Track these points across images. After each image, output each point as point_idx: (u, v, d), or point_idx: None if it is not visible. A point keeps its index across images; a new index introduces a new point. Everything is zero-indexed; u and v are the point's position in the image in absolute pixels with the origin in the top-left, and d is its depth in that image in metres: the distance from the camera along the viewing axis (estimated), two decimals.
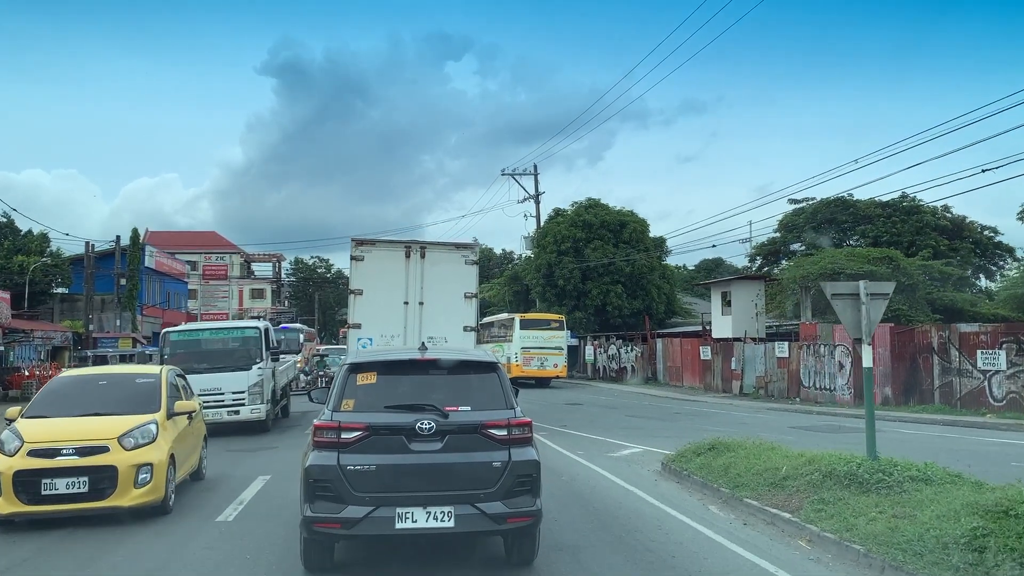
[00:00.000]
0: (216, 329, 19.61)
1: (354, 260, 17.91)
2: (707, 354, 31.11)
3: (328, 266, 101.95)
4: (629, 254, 43.48)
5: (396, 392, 6.36)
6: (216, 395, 16.52)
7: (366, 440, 6.00)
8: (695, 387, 32.04)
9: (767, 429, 17.24)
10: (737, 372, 29.02)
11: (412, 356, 6.75)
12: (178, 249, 70.34)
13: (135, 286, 49.53)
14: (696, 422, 19.22)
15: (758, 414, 21.86)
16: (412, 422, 6.02)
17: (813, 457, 8.35)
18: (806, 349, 25.42)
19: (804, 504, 7.28)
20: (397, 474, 5.95)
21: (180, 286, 65.44)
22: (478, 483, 5.99)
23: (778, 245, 47.64)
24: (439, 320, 17.28)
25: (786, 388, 26.36)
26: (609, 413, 22.08)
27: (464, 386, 6.50)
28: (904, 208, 43.43)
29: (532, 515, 6.11)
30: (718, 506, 8.50)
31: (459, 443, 6.06)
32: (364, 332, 17.61)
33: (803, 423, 18.97)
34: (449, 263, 17.86)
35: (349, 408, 6.19)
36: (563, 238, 44.27)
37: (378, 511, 5.86)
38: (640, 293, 44.54)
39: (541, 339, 35.19)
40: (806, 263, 26.14)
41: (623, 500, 9.10)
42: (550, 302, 44.16)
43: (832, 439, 15.02)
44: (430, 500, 5.89)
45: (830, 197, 43.21)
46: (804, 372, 25.54)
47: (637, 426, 18.19)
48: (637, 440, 14.90)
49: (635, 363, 37.90)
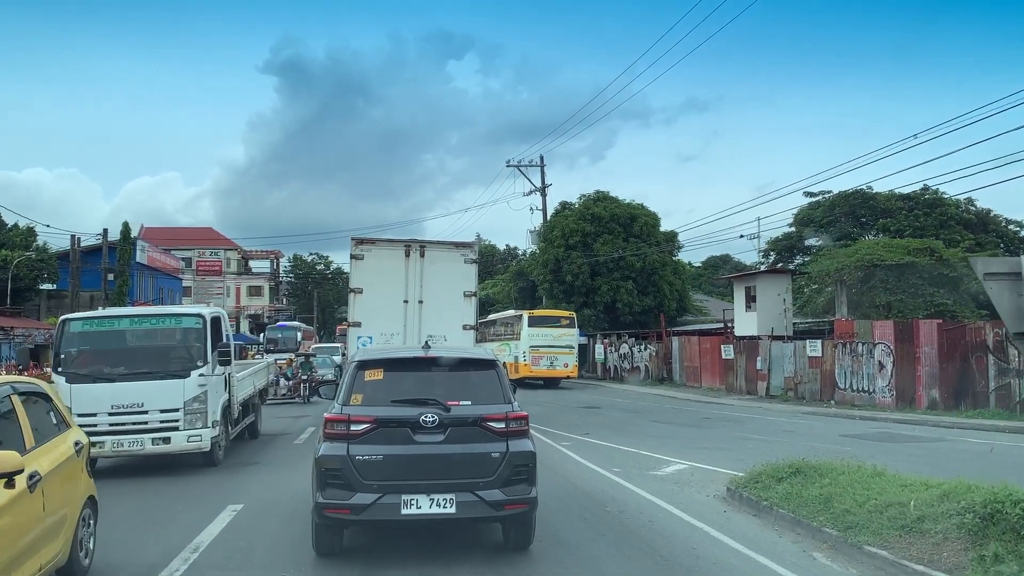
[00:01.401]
0: (140, 317, 13.16)
1: (354, 259, 17.87)
2: (729, 353, 29.17)
3: (327, 263, 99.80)
4: (640, 248, 41.54)
5: (401, 387, 6.69)
6: (136, 414, 11.39)
7: (374, 432, 6.35)
8: (715, 388, 30.11)
9: (817, 438, 15.34)
10: (763, 372, 27.08)
11: (416, 354, 7.10)
12: (174, 245, 68.37)
13: (125, 282, 47.57)
14: (732, 429, 17.31)
15: (797, 419, 19.92)
16: (416, 415, 6.36)
17: (949, 490, 6.38)
18: (841, 347, 23.48)
19: (965, 561, 5.34)
20: (403, 464, 6.30)
21: (174, 283, 63.43)
22: (478, 472, 6.32)
23: (793, 239, 45.82)
24: (438, 319, 17.19)
25: (819, 390, 24.43)
26: (632, 418, 20.15)
27: (465, 382, 6.84)
28: (926, 201, 41.66)
29: (528, 502, 6.46)
30: (825, 553, 6.52)
31: (460, 435, 6.40)
32: (364, 330, 17.46)
33: (853, 430, 17.03)
34: (448, 262, 17.85)
35: (358, 402, 6.54)
36: (571, 232, 42.31)
37: (385, 498, 6.20)
38: (651, 289, 42.63)
39: (551, 337, 33.24)
40: (840, 255, 24.23)
41: (697, 544, 7.06)
42: (557, 299, 42.20)
43: (898, 451, 13.12)
44: (433, 488, 6.24)
45: (848, 190, 41.53)
46: (839, 372, 23.60)
47: (669, 434, 16.27)
48: (677, 452, 12.98)
49: (648, 363, 35.95)
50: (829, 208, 43.04)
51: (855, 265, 23.27)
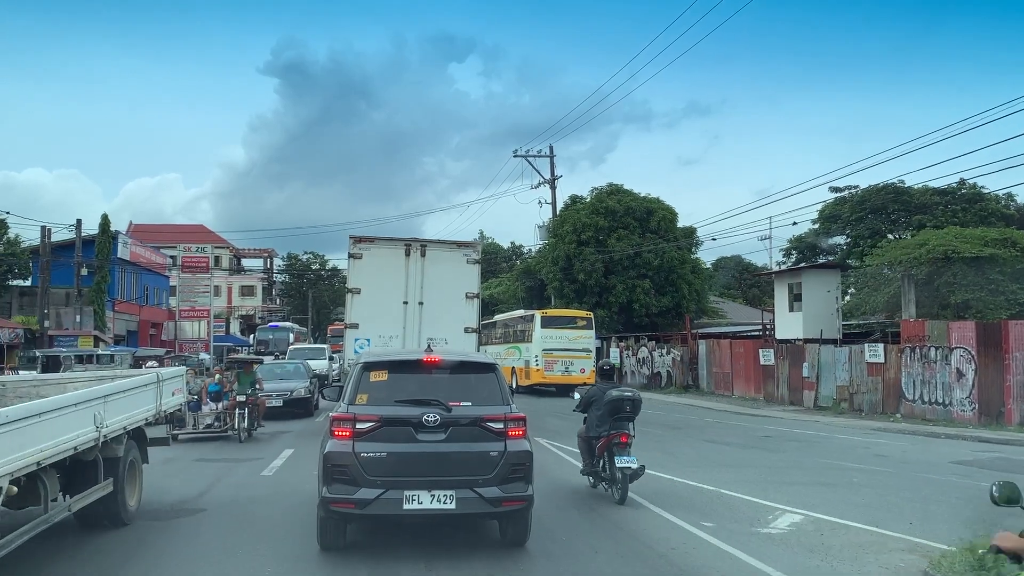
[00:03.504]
0: None
1: (352, 258, 17.34)
2: (769, 358, 26.04)
3: (323, 262, 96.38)
4: (658, 244, 38.42)
5: (405, 388, 6.88)
6: None
7: (378, 430, 6.59)
8: (751, 397, 27.00)
9: (923, 466, 12.26)
10: (810, 381, 23.95)
11: (419, 356, 7.21)
12: (164, 242, 65.08)
13: (104, 278, 44.32)
14: (809, 453, 14.17)
15: (874, 438, 16.77)
16: (419, 415, 6.61)
17: None
18: (910, 352, 20.36)
19: None
20: (405, 461, 6.51)
21: (161, 281, 60.11)
22: (477, 470, 6.54)
23: (819, 236, 42.81)
24: (439, 321, 16.78)
25: (880, 401, 21.31)
26: (678, 436, 17.00)
27: (465, 384, 7.03)
28: (964, 196, 38.76)
29: (524, 499, 6.69)
30: None
31: (461, 434, 6.64)
32: (362, 332, 16.95)
33: (959, 454, 13.90)
34: (450, 262, 17.45)
35: (363, 402, 6.77)
36: (584, 226, 39.18)
37: (388, 493, 6.40)
38: (669, 289, 39.55)
39: (566, 339, 30.06)
40: (906, 246, 21.10)
41: None
42: (568, 298, 39.07)
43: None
44: (434, 484, 6.46)
45: (878, 184, 38.71)
46: (907, 381, 20.48)
47: (737, 460, 13.12)
48: (769, 491, 9.86)
49: (671, 368, 32.80)
50: (859, 203, 40.06)
51: (926, 258, 20.16)
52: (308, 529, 7.32)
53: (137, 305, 53.37)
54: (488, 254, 72.40)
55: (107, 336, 41.40)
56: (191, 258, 54.23)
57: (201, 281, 52.43)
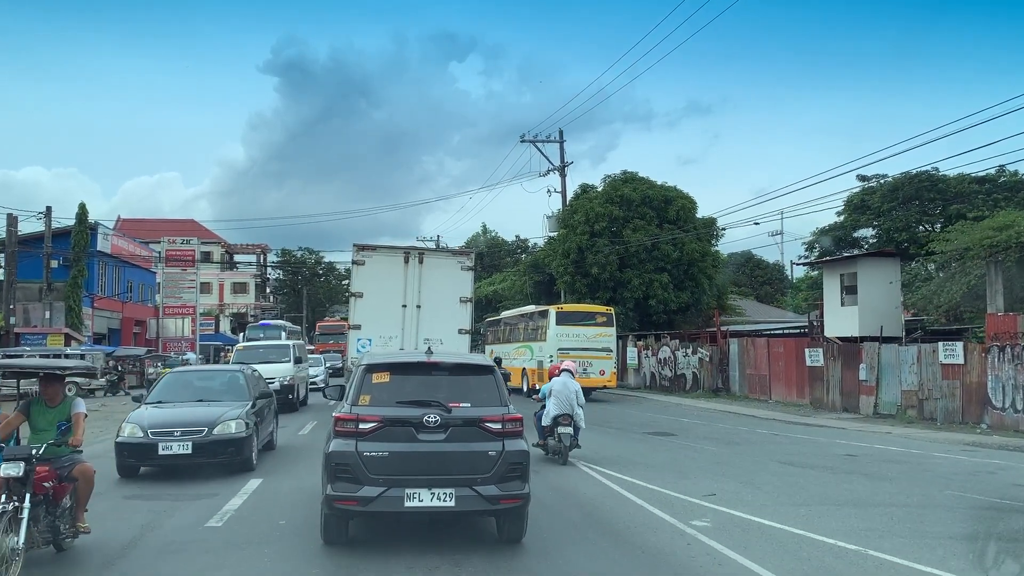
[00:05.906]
0: None
1: (355, 264, 18.90)
2: (817, 359, 23.02)
3: (318, 259, 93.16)
4: (676, 236, 35.42)
5: (406, 389, 7.01)
6: None
7: (380, 430, 6.69)
8: (793, 402, 24.01)
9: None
10: (869, 385, 20.96)
11: (420, 359, 7.37)
12: (152, 237, 61.87)
13: (81, 272, 41.26)
14: (922, 481, 11.15)
15: (981, 457, 13.70)
16: (420, 415, 6.74)
17: None
18: (998, 353, 17.38)
19: None
20: (406, 460, 6.62)
21: (147, 276, 57.00)
22: (476, 469, 6.67)
23: (846, 229, 39.88)
24: (435, 323, 18.10)
25: (959, 408, 18.33)
26: (742, 456, 13.96)
27: (465, 386, 7.15)
28: (1004, 184, 35.99)
29: (522, 497, 6.83)
30: None
31: (460, 434, 6.77)
32: (364, 333, 18.44)
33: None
34: (446, 268, 18.99)
35: (366, 402, 6.87)
36: (597, 216, 36.18)
37: (390, 491, 6.52)
38: (688, 284, 36.61)
39: (584, 338, 27.05)
40: (988, 228, 18.18)
41: None
42: (580, 294, 36.10)
43: None
44: (434, 483, 6.58)
45: (911, 171, 35.95)
46: (993, 386, 17.50)
47: (842, 497, 10.06)
48: (934, 554, 6.88)
49: (698, 369, 29.78)
50: (890, 192, 37.16)
51: (1015, 242, 17.23)
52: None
53: (119, 301, 50.29)
54: (491, 248, 69.28)
55: (82, 334, 38.32)
56: (176, 251, 51.03)
57: (187, 276, 49.30)
